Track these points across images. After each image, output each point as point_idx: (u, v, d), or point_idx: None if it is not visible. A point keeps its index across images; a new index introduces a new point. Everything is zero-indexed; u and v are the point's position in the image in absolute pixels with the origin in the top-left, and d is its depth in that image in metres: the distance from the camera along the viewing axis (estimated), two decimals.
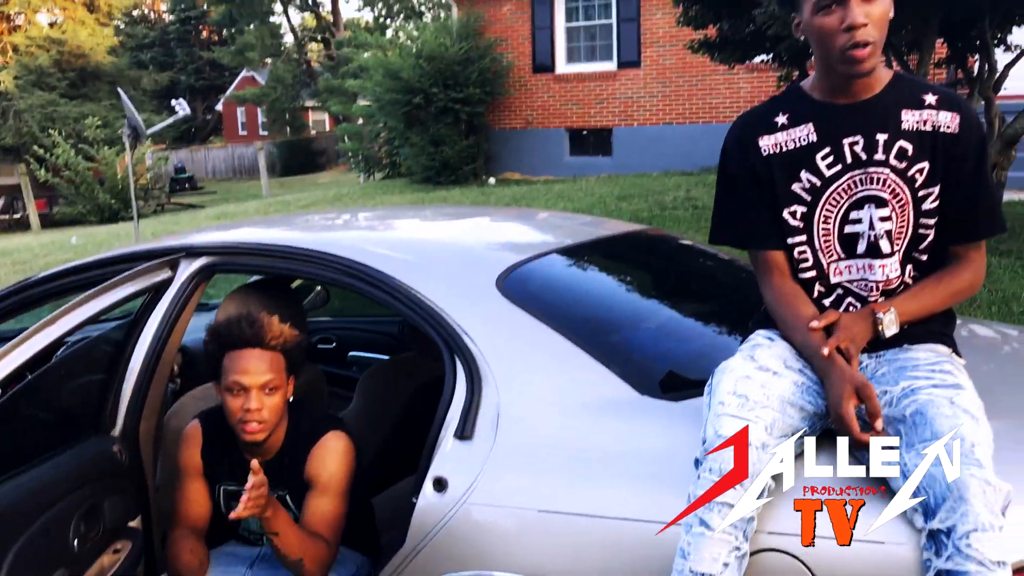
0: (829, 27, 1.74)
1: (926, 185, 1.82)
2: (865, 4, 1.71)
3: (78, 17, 30.17)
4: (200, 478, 2.33)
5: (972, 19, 6.70)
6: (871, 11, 1.72)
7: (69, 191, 20.98)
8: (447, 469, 1.97)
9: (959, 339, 1.94)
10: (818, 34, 1.78)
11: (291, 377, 2.25)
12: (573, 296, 2.40)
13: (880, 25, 1.73)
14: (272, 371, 2.17)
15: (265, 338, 2.16)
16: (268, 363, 2.16)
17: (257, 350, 2.15)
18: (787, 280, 1.91)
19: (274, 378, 2.17)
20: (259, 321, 2.18)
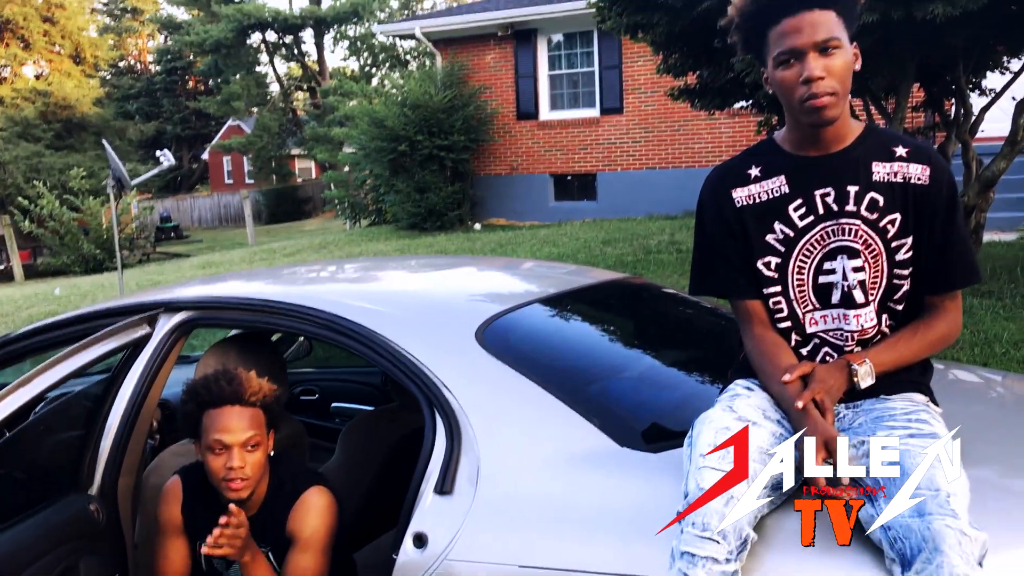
0: (789, 81, 1.78)
1: (898, 236, 1.84)
2: (823, 57, 1.75)
3: (64, 69, 30.32)
4: (180, 535, 2.30)
5: (947, 64, 6.81)
6: (830, 64, 1.75)
7: (53, 242, 20.92)
8: (427, 524, 1.95)
9: (942, 384, 1.96)
10: (779, 87, 1.82)
11: (271, 431, 2.24)
12: (553, 347, 2.40)
13: (841, 76, 1.76)
14: (253, 427, 2.16)
15: (245, 395, 2.15)
16: (249, 420, 2.15)
17: (237, 407, 2.14)
18: (768, 330, 1.92)
19: (256, 434, 2.16)
20: (237, 378, 2.17)
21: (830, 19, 1.75)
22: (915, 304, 1.90)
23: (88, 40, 32.19)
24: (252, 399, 2.16)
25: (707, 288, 2.04)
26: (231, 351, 2.73)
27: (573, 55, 15.08)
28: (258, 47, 37.12)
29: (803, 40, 1.75)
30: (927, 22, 5.30)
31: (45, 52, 30.47)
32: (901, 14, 5.24)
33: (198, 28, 34.49)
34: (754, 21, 1.84)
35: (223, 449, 2.13)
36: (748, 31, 1.87)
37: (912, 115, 9.32)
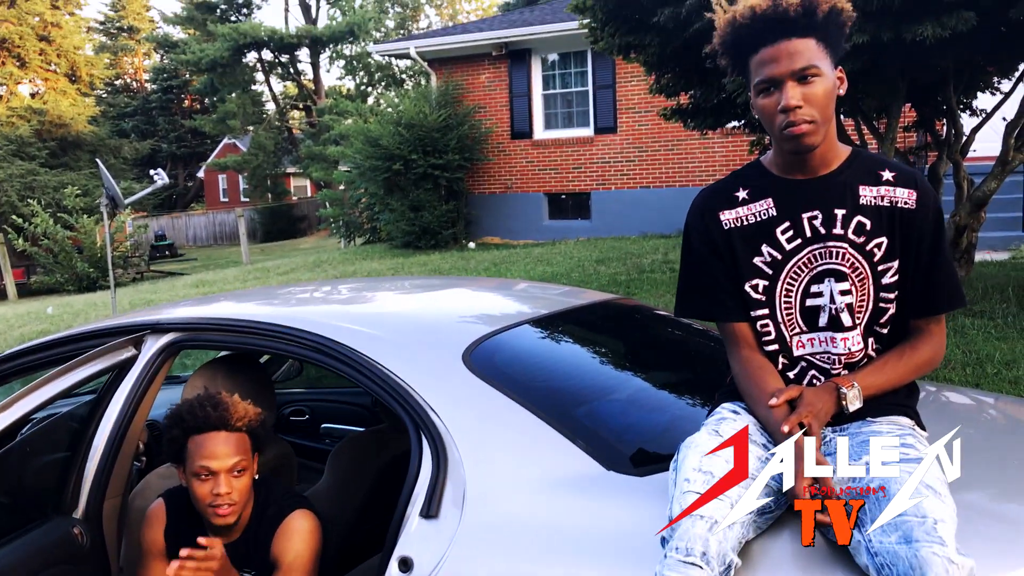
0: (768, 109, 1.80)
1: (885, 260, 1.85)
2: (801, 86, 1.76)
3: (60, 87, 30.36)
4: (163, 559, 2.28)
5: (938, 85, 6.85)
6: (808, 92, 1.76)
7: (47, 260, 20.87)
8: (413, 549, 1.94)
9: (935, 406, 1.95)
10: (760, 114, 1.84)
11: (256, 455, 2.23)
12: (541, 368, 2.39)
13: (820, 104, 1.77)
14: (239, 453, 2.15)
15: (231, 420, 2.14)
16: (235, 445, 2.14)
17: (223, 433, 2.13)
18: (755, 352, 1.92)
19: (242, 459, 2.15)
20: (223, 403, 2.16)
21: (809, 47, 1.76)
22: (900, 327, 1.90)
23: (84, 59, 32.24)
24: (238, 424, 2.15)
25: (693, 311, 2.04)
26: (219, 373, 2.72)
27: (567, 75, 15.14)
28: (254, 66, 37.20)
29: (780, 69, 1.76)
30: (917, 43, 5.33)
31: (41, 71, 30.52)
32: (891, 36, 5.28)
33: (194, 47, 34.58)
34: (735, 49, 1.86)
35: (209, 475, 2.12)
36: (732, 57, 1.88)
37: (904, 135, 9.37)
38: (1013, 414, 2.70)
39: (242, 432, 2.16)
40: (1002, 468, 2.01)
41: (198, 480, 2.13)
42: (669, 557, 1.58)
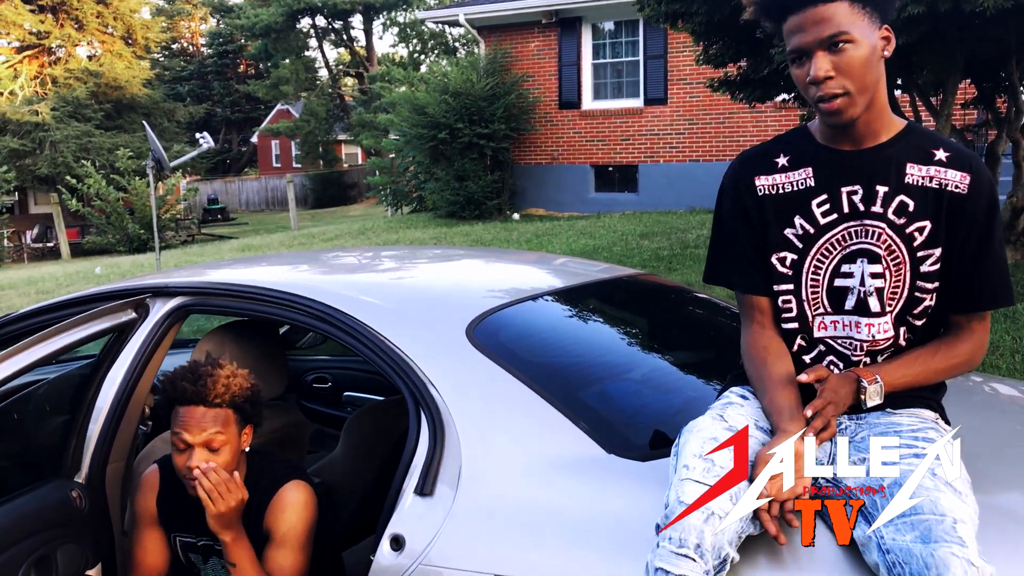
0: (800, 79, 1.69)
1: (926, 246, 1.72)
2: (831, 55, 1.63)
3: (116, 50, 30.66)
4: (155, 526, 2.25)
5: (999, 60, 6.57)
6: (840, 61, 1.63)
7: (99, 221, 21.24)
8: (405, 527, 1.88)
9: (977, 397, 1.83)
10: (796, 82, 1.71)
11: (248, 427, 2.17)
12: (548, 345, 2.30)
13: (854, 73, 1.63)
14: (216, 427, 2.09)
15: (208, 396, 2.07)
16: (212, 420, 2.08)
17: (201, 407, 2.07)
18: (767, 330, 1.82)
19: (218, 434, 2.09)
20: (202, 377, 2.09)
21: (839, 11, 1.62)
22: (938, 321, 1.77)
23: (140, 22, 32.53)
24: (215, 400, 2.08)
25: (718, 278, 1.94)
26: (227, 338, 2.67)
27: (618, 44, 14.89)
28: (307, 32, 37.38)
29: (807, 39, 1.63)
30: (976, 14, 5.10)
31: (98, 33, 30.83)
32: (948, 6, 5.05)
33: (248, 12, 34.82)
34: (766, 17, 1.73)
35: (185, 447, 2.07)
36: (768, 22, 1.75)
37: (964, 112, 9.05)
38: None
39: (221, 408, 2.09)
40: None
41: (175, 450, 2.10)
42: (661, 547, 1.49)
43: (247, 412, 2.14)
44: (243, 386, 2.13)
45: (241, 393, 2.12)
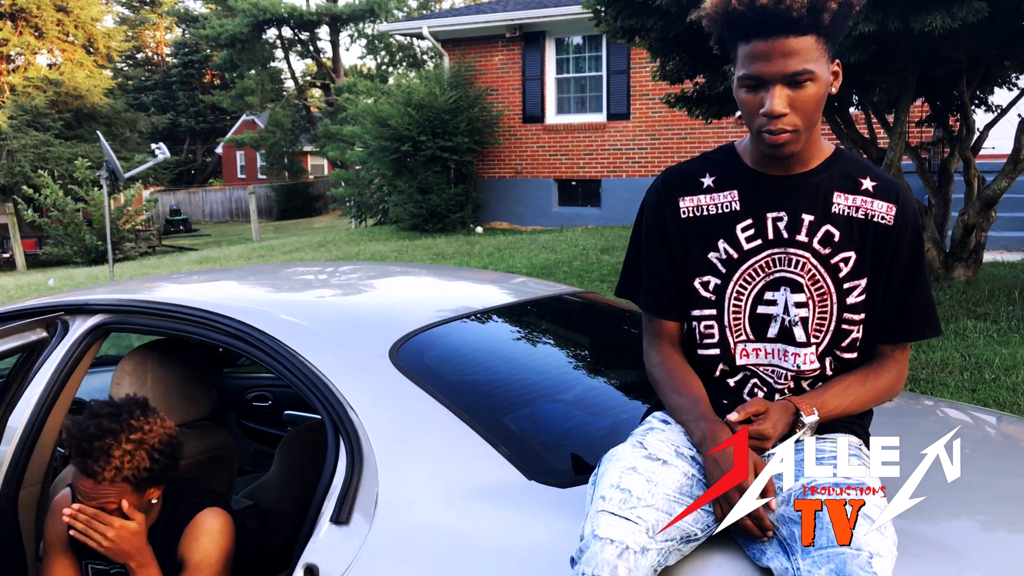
0: (750, 106, 1.60)
1: (851, 277, 1.68)
2: (790, 89, 1.56)
3: (76, 59, 30.28)
4: (67, 553, 2.17)
5: (952, 79, 6.63)
6: (798, 97, 1.56)
7: (57, 232, 20.89)
8: (320, 556, 1.81)
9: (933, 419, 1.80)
10: (741, 106, 1.64)
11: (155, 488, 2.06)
12: (474, 367, 2.24)
13: (808, 111, 1.58)
14: (107, 496, 1.98)
15: (96, 476, 1.95)
16: (103, 492, 1.98)
17: (91, 480, 1.97)
18: (677, 351, 1.79)
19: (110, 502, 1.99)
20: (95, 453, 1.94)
21: (806, 46, 1.54)
22: (866, 352, 1.74)
23: (102, 31, 32.16)
24: (106, 479, 1.96)
25: (629, 294, 1.90)
26: (149, 359, 2.58)
27: (581, 59, 14.91)
28: (274, 43, 37.11)
29: (771, 70, 1.55)
30: (925, 34, 5.13)
31: (58, 41, 30.42)
32: (898, 25, 5.08)
33: (214, 22, 34.51)
34: (725, 31, 1.63)
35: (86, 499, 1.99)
36: (719, 34, 1.66)
37: (919, 130, 9.13)
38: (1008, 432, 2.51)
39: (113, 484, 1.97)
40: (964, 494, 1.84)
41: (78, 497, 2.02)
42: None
43: (147, 481, 2.02)
44: (140, 465, 1.98)
45: (137, 472, 1.98)
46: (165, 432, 2.04)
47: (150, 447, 1.99)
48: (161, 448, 2.01)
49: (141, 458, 1.97)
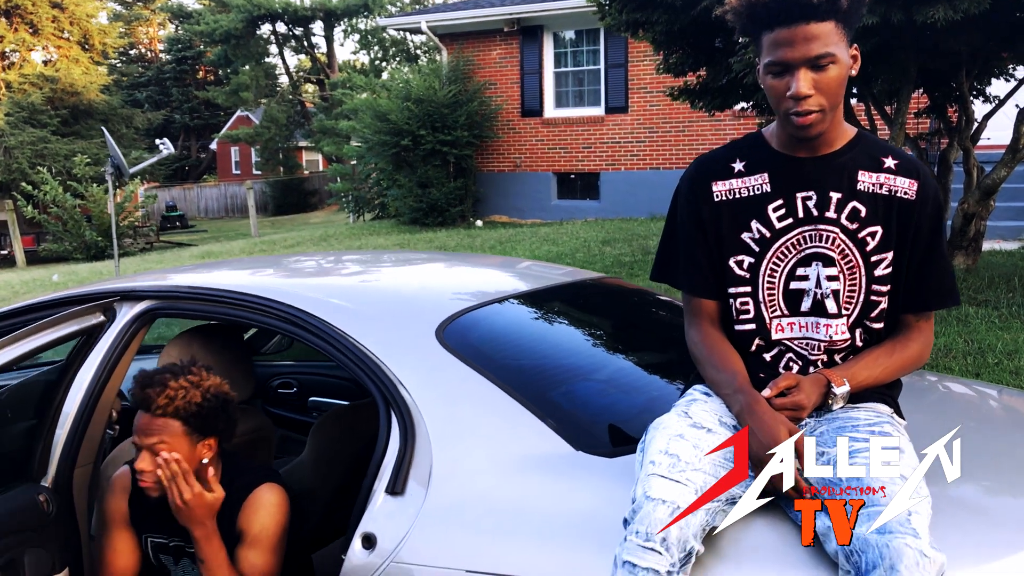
0: (777, 90, 1.72)
1: (878, 250, 1.79)
2: (814, 72, 1.67)
3: (72, 55, 30.26)
4: (127, 528, 2.26)
5: (951, 70, 6.73)
6: (821, 79, 1.68)
7: (56, 228, 20.92)
8: (377, 526, 1.91)
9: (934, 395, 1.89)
10: (767, 92, 1.76)
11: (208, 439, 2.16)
12: (516, 346, 2.34)
13: (831, 92, 1.69)
14: (158, 436, 2.08)
15: (149, 405, 2.07)
16: (157, 428, 2.08)
17: (146, 415, 2.08)
18: (716, 328, 1.89)
19: (160, 444, 2.08)
20: (152, 385, 2.07)
21: (827, 31, 1.66)
22: (893, 324, 1.85)
23: (97, 27, 32.15)
24: (156, 411, 2.07)
25: (666, 277, 2.00)
26: (194, 342, 2.67)
27: (579, 53, 15.00)
28: (268, 38, 37.14)
29: (795, 54, 1.67)
30: (928, 26, 5.23)
31: (53, 38, 30.41)
32: (901, 17, 5.17)
33: (208, 18, 34.51)
34: (749, 22, 1.75)
35: (136, 448, 2.10)
36: (743, 26, 1.78)
37: (917, 121, 9.25)
38: (1009, 405, 2.63)
39: (164, 418, 2.08)
40: (988, 462, 1.95)
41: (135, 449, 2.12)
42: (628, 540, 1.54)
43: (200, 425, 2.12)
44: (192, 399, 2.09)
45: (188, 406, 2.09)
46: (220, 386, 2.18)
47: (204, 390, 2.12)
48: (215, 395, 2.14)
49: (194, 396, 2.09)
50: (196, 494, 2.07)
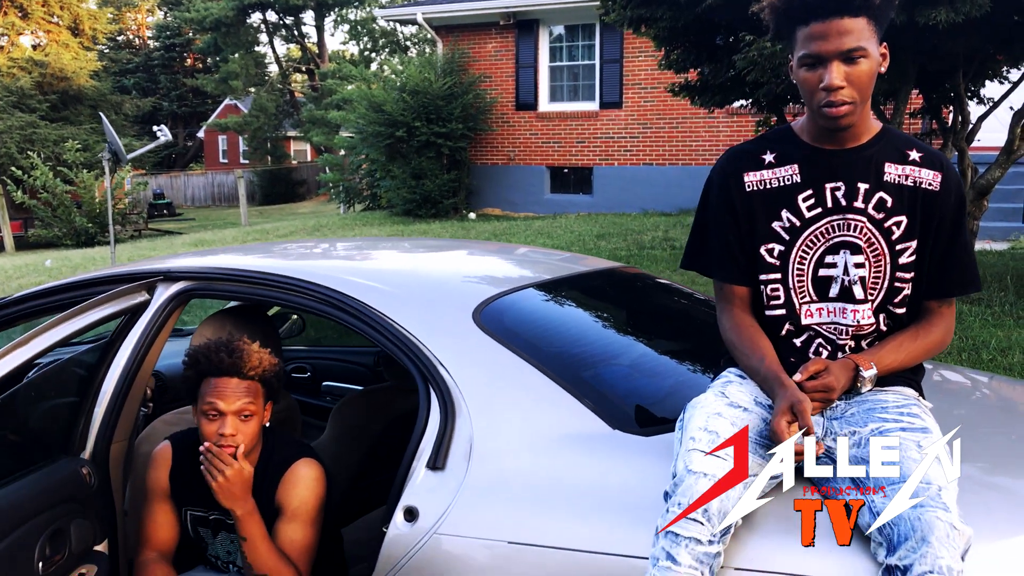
0: (810, 83, 1.80)
1: (903, 239, 1.87)
2: (846, 65, 1.76)
3: (62, 40, 30.09)
4: (167, 501, 2.32)
5: (947, 72, 6.84)
6: (853, 72, 1.76)
7: (45, 214, 20.80)
8: (418, 499, 1.97)
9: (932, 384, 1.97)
10: (800, 86, 1.84)
11: (268, 403, 2.25)
12: (548, 330, 2.42)
13: (862, 85, 1.77)
14: (248, 397, 2.18)
15: (244, 368, 2.17)
16: (244, 390, 2.17)
17: (235, 379, 2.16)
18: (748, 314, 1.96)
19: (249, 403, 2.18)
20: (238, 350, 2.18)
21: (859, 26, 1.75)
22: (915, 309, 1.93)
23: (87, 12, 31.98)
24: (250, 373, 2.18)
25: (698, 265, 2.07)
26: (227, 322, 2.74)
27: (574, 47, 15.07)
28: (258, 27, 37.00)
29: (828, 47, 1.75)
30: (929, 28, 5.33)
31: (43, 22, 30.24)
32: (903, 19, 5.27)
33: (198, 5, 34.35)
34: (784, 17, 1.84)
35: (217, 415, 2.16)
36: (777, 21, 1.87)
37: (910, 121, 9.37)
38: (1007, 393, 2.75)
39: (253, 380, 2.19)
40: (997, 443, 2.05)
41: (206, 419, 2.17)
42: (671, 511, 1.61)
43: (272, 388, 2.24)
44: (272, 362, 2.23)
45: (271, 368, 2.22)
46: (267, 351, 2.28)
47: (269, 354, 2.25)
48: (276, 361, 2.27)
49: (270, 358, 2.23)
50: (236, 471, 2.14)
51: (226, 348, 2.19)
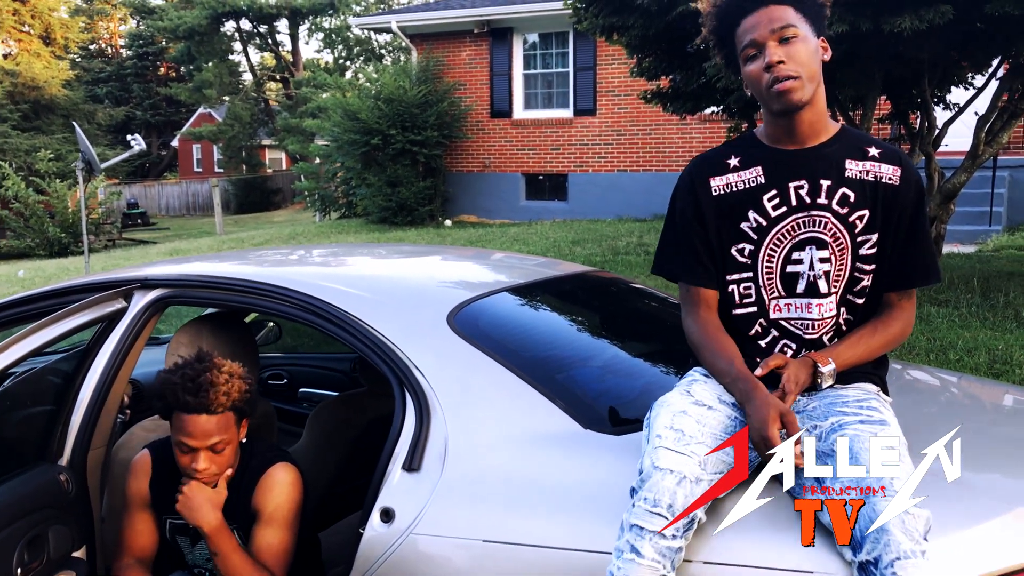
0: (755, 73, 1.89)
1: (865, 232, 1.93)
2: (783, 46, 1.86)
3: (33, 49, 29.86)
4: (147, 509, 2.33)
5: (913, 78, 6.96)
6: (790, 50, 1.85)
7: (18, 224, 20.62)
8: (394, 500, 2.00)
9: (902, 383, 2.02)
10: (749, 81, 1.93)
11: (244, 421, 2.26)
12: (522, 333, 2.46)
13: (802, 61, 1.86)
14: (219, 432, 2.16)
15: (211, 406, 2.13)
16: (215, 426, 2.15)
17: (204, 416, 2.14)
18: (713, 315, 2.01)
19: (222, 439, 2.17)
20: (204, 387, 2.12)
21: (786, 12, 1.87)
22: (874, 300, 1.99)
23: (58, 21, 31.77)
24: (219, 409, 2.14)
25: (666, 271, 2.11)
26: (203, 330, 2.76)
27: (548, 55, 15.17)
28: (232, 35, 36.94)
29: (762, 31, 1.86)
30: (895, 35, 5.43)
31: (14, 31, 30.00)
32: (869, 26, 5.37)
33: (171, 14, 34.23)
34: (721, 27, 1.94)
35: (189, 450, 2.16)
36: (720, 38, 1.96)
37: (879, 126, 9.50)
38: (974, 391, 2.82)
39: (224, 413, 2.16)
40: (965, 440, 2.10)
41: (179, 451, 2.17)
42: (637, 506, 1.66)
43: (246, 409, 2.23)
44: (241, 388, 2.19)
45: (240, 396, 2.19)
46: (238, 368, 2.25)
47: (239, 377, 2.21)
48: (246, 379, 2.23)
49: (239, 385, 2.18)
50: (195, 485, 2.16)
51: (192, 386, 2.12)
